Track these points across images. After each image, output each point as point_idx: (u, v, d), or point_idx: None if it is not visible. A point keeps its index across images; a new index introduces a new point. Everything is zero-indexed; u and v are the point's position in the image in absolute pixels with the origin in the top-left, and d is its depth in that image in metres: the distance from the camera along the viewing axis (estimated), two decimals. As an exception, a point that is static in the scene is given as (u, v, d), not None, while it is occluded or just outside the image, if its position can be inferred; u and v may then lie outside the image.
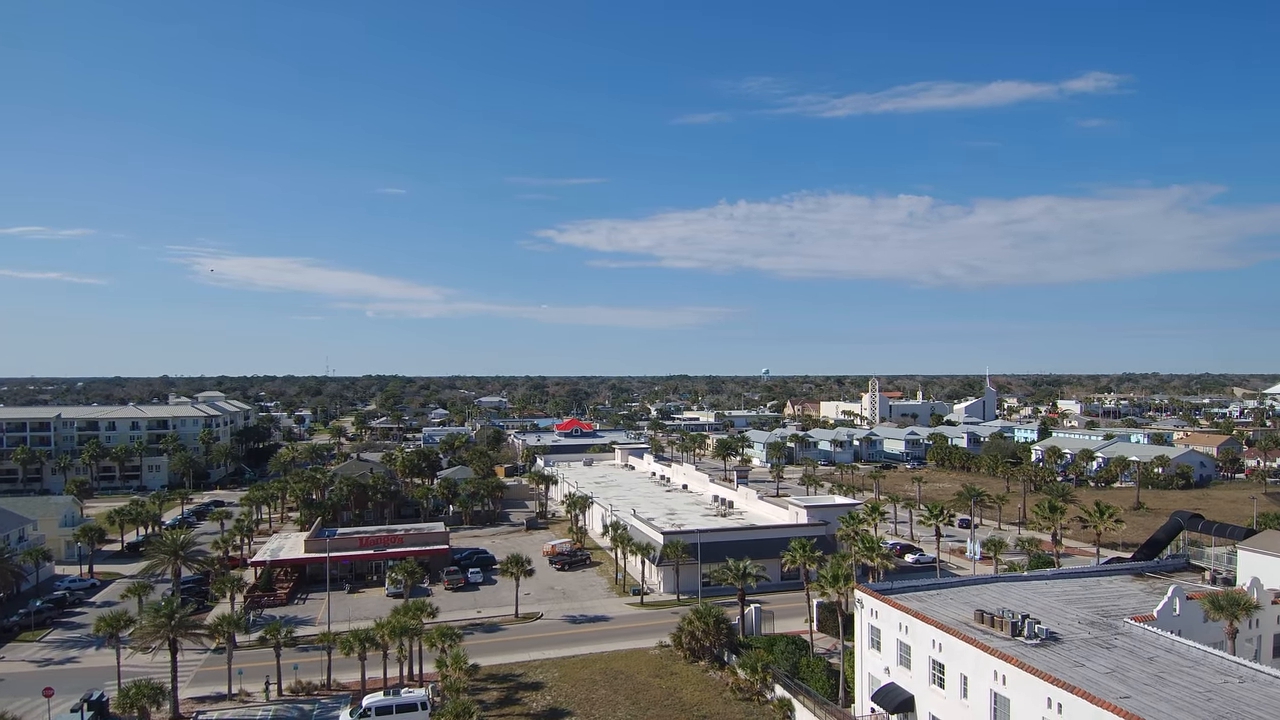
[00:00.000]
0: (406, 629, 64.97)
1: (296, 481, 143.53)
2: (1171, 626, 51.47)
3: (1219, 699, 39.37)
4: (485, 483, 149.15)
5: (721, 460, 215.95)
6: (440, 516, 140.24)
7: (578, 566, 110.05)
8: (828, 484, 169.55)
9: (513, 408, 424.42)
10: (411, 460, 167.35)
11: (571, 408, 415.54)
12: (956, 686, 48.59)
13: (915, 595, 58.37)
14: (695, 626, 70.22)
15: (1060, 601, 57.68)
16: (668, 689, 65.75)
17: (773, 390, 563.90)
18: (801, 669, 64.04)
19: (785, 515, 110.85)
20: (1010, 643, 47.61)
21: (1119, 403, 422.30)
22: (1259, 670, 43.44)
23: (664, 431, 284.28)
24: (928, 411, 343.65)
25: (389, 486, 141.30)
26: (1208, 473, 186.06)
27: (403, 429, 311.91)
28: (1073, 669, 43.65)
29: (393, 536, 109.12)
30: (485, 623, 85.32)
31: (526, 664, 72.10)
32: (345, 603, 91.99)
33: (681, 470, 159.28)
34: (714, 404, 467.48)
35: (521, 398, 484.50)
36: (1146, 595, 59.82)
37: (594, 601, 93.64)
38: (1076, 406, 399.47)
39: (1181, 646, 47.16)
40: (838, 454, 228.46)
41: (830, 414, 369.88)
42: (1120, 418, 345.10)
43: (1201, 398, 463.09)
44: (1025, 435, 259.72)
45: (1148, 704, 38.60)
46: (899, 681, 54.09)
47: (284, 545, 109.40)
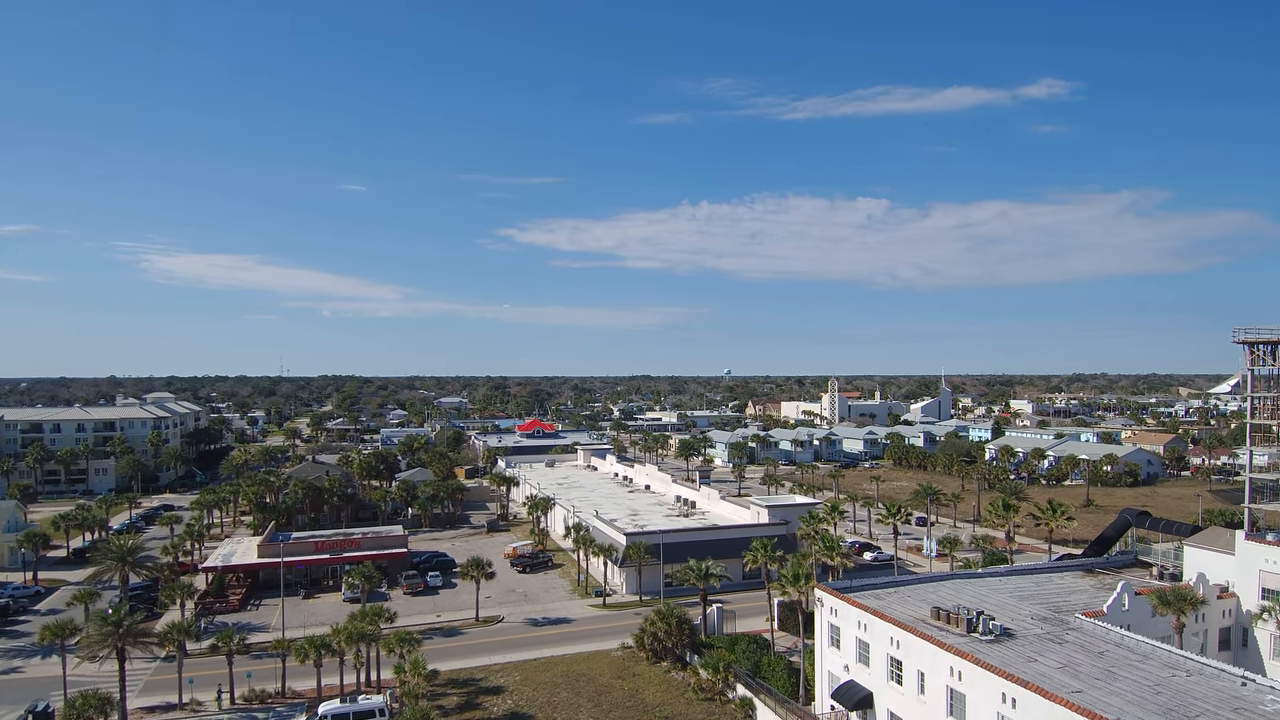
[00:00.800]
0: (364, 634, 63.82)
1: (249, 484, 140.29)
2: (1121, 621, 52.81)
3: (1167, 692, 40.46)
4: (445, 485, 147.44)
5: (684, 460, 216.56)
6: (399, 519, 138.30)
7: (539, 568, 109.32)
8: (789, 483, 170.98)
9: (473, 408, 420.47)
10: (369, 462, 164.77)
11: (533, 408, 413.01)
12: (914, 683, 49.26)
13: (874, 593, 59.07)
14: (657, 627, 70.20)
15: (1014, 598, 58.85)
16: (630, 690, 65.61)
17: (735, 391, 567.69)
18: (763, 668, 64.41)
19: (747, 515, 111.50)
20: (965, 639, 48.39)
21: (1069, 402, 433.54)
22: (1205, 664, 44.77)
23: (627, 432, 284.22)
24: (885, 411, 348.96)
25: (345, 489, 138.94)
26: (1155, 471, 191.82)
27: (360, 430, 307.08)
28: (1026, 664, 44.51)
29: (349, 540, 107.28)
30: (445, 627, 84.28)
31: (487, 668, 71.38)
32: (300, 608, 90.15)
33: (644, 471, 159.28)
34: (676, 404, 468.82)
35: (482, 398, 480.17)
36: (1097, 591, 61.32)
37: (556, 603, 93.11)
38: (1029, 406, 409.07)
39: (1131, 641, 48.38)
40: (798, 454, 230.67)
41: (791, 414, 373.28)
42: (1070, 417, 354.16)
43: (1148, 397, 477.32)
44: (979, 434, 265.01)
45: (1099, 698, 39.51)
46: (858, 679, 54.68)
47: (236, 550, 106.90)
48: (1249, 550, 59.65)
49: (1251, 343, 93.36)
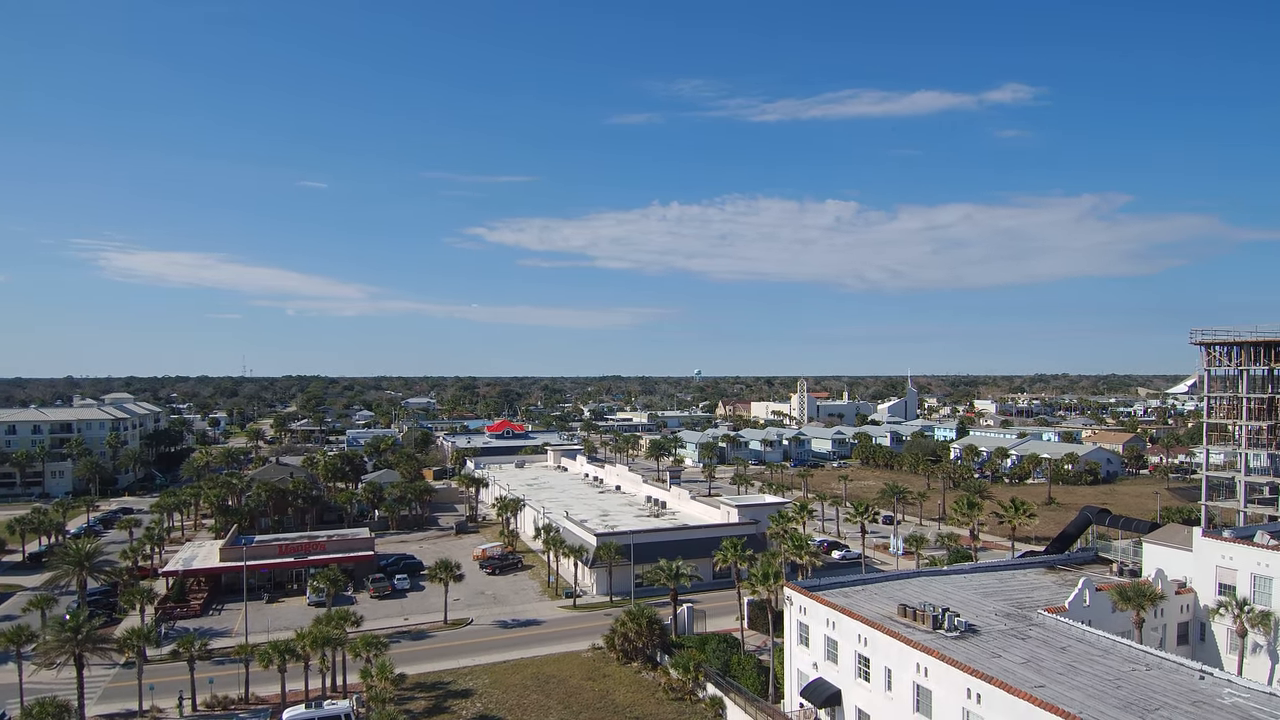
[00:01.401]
0: (329, 639, 62.89)
1: (211, 487, 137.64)
2: (1082, 617, 53.83)
3: (1127, 686, 41.32)
4: (412, 486, 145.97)
5: (654, 461, 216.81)
6: (365, 522, 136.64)
7: (509, 570, 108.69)
8: (758, 483, 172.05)
9: (441, 409, 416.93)
10: (334, 464, 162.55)
11: (503, 409, 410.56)
12: (881, 679, 49.77)
13: (842, 591, 59.58)
14: (628, 628, 70.17)
15: (978, 594, 59.74)
16: (600, 691, 65.48)
17: (705, 391, 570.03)
18: (733, 667, 64.68)
19: (717, 515, 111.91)
20: (931, 635, 49.00)
21: (1031, 402, 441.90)
22: (1164, 658, 45.79)
23: (597, 432, 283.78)
24: (853, 411, 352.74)
25: (310, 491, 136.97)
26: (1114, 469, 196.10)
27: (325, 432, 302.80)
28: (990, 660, 45.19)
29: (314, 543, 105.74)
30: (413, 630, 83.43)
31: (456, 671, 70.78)
32: (264, 613, 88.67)
33: (615, 471, 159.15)
34: (647, 405, 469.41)
35: (451, 399, 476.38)
36: (1058, 587, 62.48)
37: (526, 605, 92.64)
38: (992, 406, 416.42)
39: (1092, 636, 49.35)
40: (768, 453, 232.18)
41: (760, 414, 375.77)
42: (1033, 417, 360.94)
43: (1108, 397, 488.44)
44: (944, 434, 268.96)
45: (1061, 692, 40.24)
46: (827, 676, 55.10)
47: (198, 554, 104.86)
48: (1206, 547, 61.13)
49: (1208, 344, 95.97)
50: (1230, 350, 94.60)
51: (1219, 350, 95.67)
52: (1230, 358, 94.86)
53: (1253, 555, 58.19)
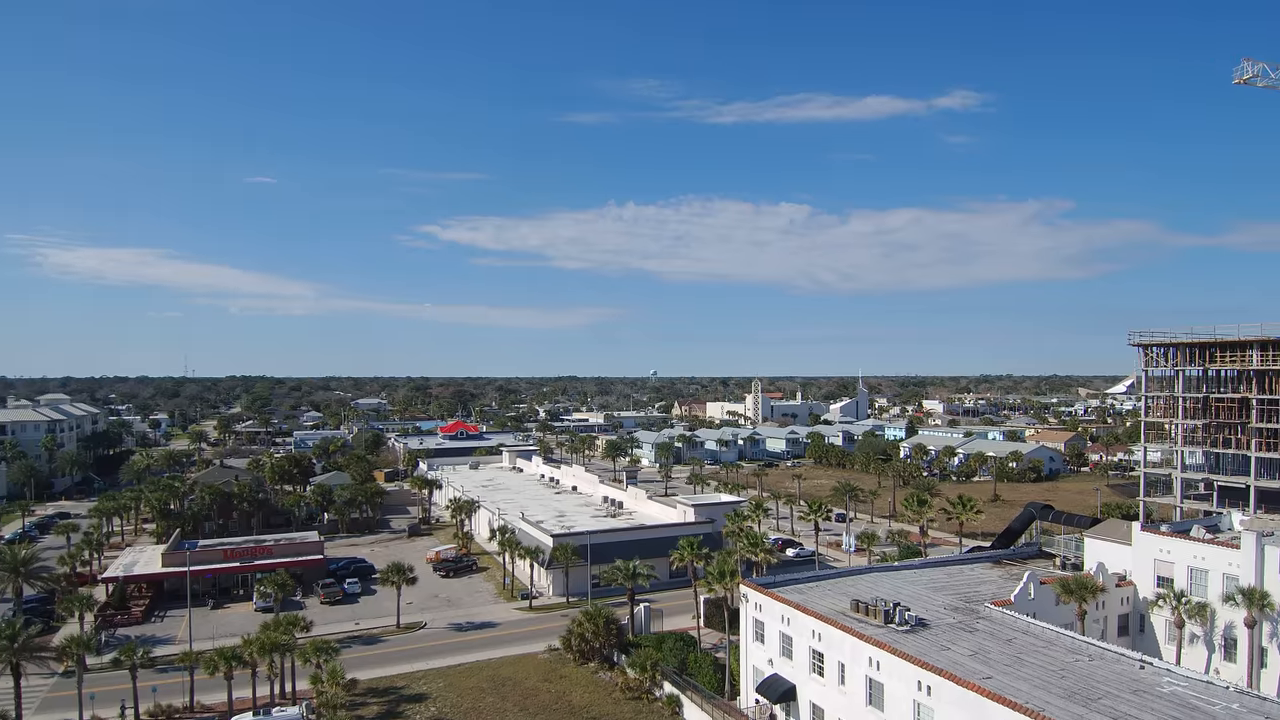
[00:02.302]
0: (278, 644, 61.47)
1: (152, 491, 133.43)
2: (1027, 610, 55.44)
3: (1071, 676, 42.67)
4: (363, 488, 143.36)
5: (611, 461, 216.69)
6: (314, 525, 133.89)
7: (463, 573, 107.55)
8: (714, 482, 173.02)
9: (393, 410, 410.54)
10: (281, 466, 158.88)
11: (456, 409, 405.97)
12: (835, 674, 50.56)
13: (796, 588, 60.36)
14: (585, 628, 70.03)
15: (928, 589, 61.09)
16: (557, 693, 65.23)
17: (661, 391, 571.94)
18: (689, 665, 65.03)
19: (674, 514, 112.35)
20: (883, 630, 49.96)
21: (977, 402, 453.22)
22: (1106, 648, 47.43)
23: (553, 433, 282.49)
24: (806, 411, 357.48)
25: (256, 494, 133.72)
26: (1056, 466, 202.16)
27: (271, 433, 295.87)
28: (940, 652, 46.24)
29: (261, 547, 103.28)
30: (364, 635, 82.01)
31: (409, 675, 69.79)
32: (209, 619, 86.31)
33: (571, 472, 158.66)
34: (603, 405, 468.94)
35: (402, 399, 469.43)
36: (1004, 581, 64.23)
37: (481, 608, 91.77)
38: (939, 406, 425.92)
39: (1037, 628, 50.85)
40: (723, 453, 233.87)
41: (716, 414, 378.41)
42: (978, 416, 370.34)
43: (1050, 397, 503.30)
44: (894, 433, 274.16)
45: (1008, 683, 41.37)
46: (782, 672, 55.76)
47: (139, 559, 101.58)
48: (1144, 541, 63.45)
49: (1145, 345, 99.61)
50: (1166, 351, 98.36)
51: (1156, 351, 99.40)
52: (1166, 359, 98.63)
53: (1189, 549, 60.58)
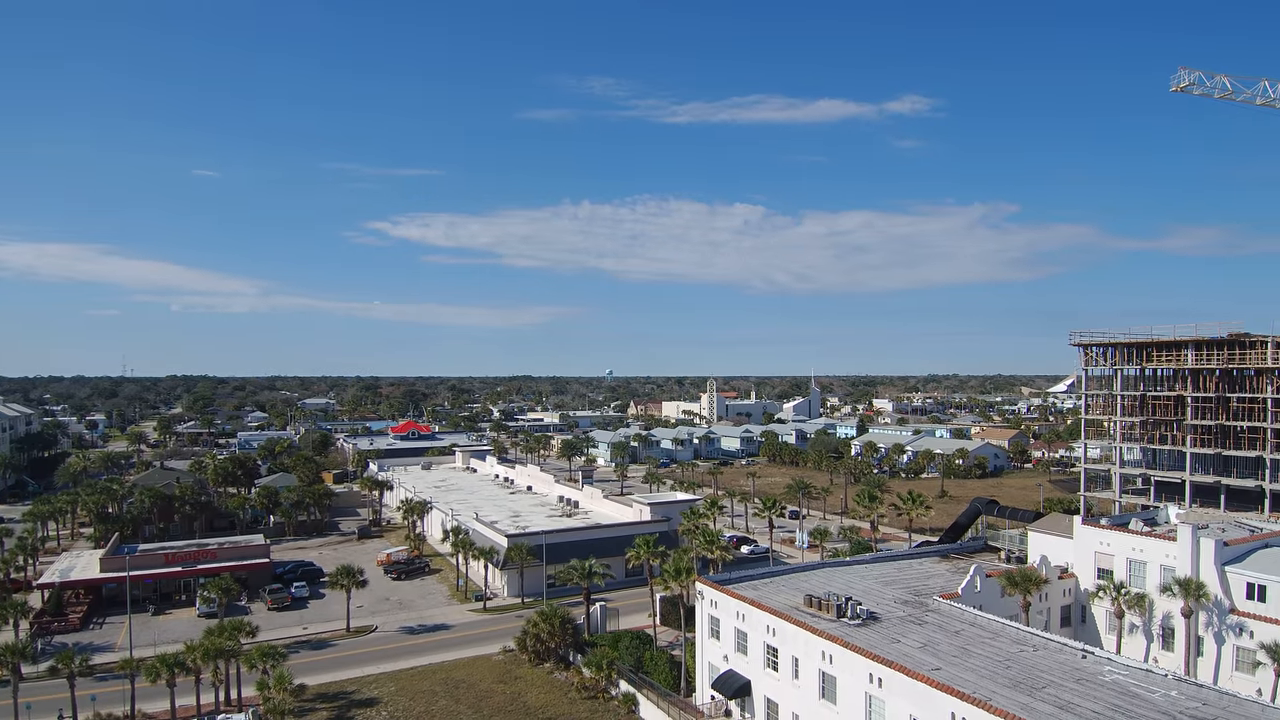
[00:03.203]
0: (222, 650, 59.68)
1: (89, 494, 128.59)
2: (974, 602, 56.75)
3: (1017, 666, 43.78)
4: (311, 490, 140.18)
5: (567, 461, 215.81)
6: (260, 528, 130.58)
7: (415, 575, 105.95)
8: (670, 481, 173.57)
9: (341, 410, 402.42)
10: (225, 467, 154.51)
11: (408, 409, 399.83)
12: (789, 668, 51.08)
13: (751, 584, 60.86)
14: (540, 628, 69.54)
15: (879, 583, 62.14)
16: (512, 694, 64.65)
17: (616, 391, 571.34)
18: (645, 663, 65.04)
19: (630, 513, 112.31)
20: (836, 624, 50.65)
21: (925, 401, 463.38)
22: (1049, 639, 48.77)
23: (507, 433, 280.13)
24: (760, 410, 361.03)
25: (199, 497, 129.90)
26: (1001, 463, 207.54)
27: (214, 434, 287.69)
28: (890, 645, 47.05)
29: (204, 551, 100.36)
30: (313, 639, 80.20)
31: (360, 680, 68.48)
32: (150, 626, 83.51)
33: (526, 472, 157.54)
34: (558, 405, 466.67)
35: (351, 399, 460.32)
36: (952, 574, 65.65)
37: (433, 610, 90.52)
38: (889, 405, 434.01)
39: (983, 620, 52.08)
40: (679, 452, 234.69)
41: (671, 414, 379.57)
42: (926, 415, 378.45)
43: (995, 396, 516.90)
44: (846, 431, 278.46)
45: (955, 674, 42.27)
46: (737, 668, 56.13)
47: (76, 564, 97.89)
48: (1085, 534, 65.44)
49: (1086, 345, 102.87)
50: (1105, 351, 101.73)
51: (1095, 351, 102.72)
52: (1105, 358, 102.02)
53: (1128, 541, 62.67)
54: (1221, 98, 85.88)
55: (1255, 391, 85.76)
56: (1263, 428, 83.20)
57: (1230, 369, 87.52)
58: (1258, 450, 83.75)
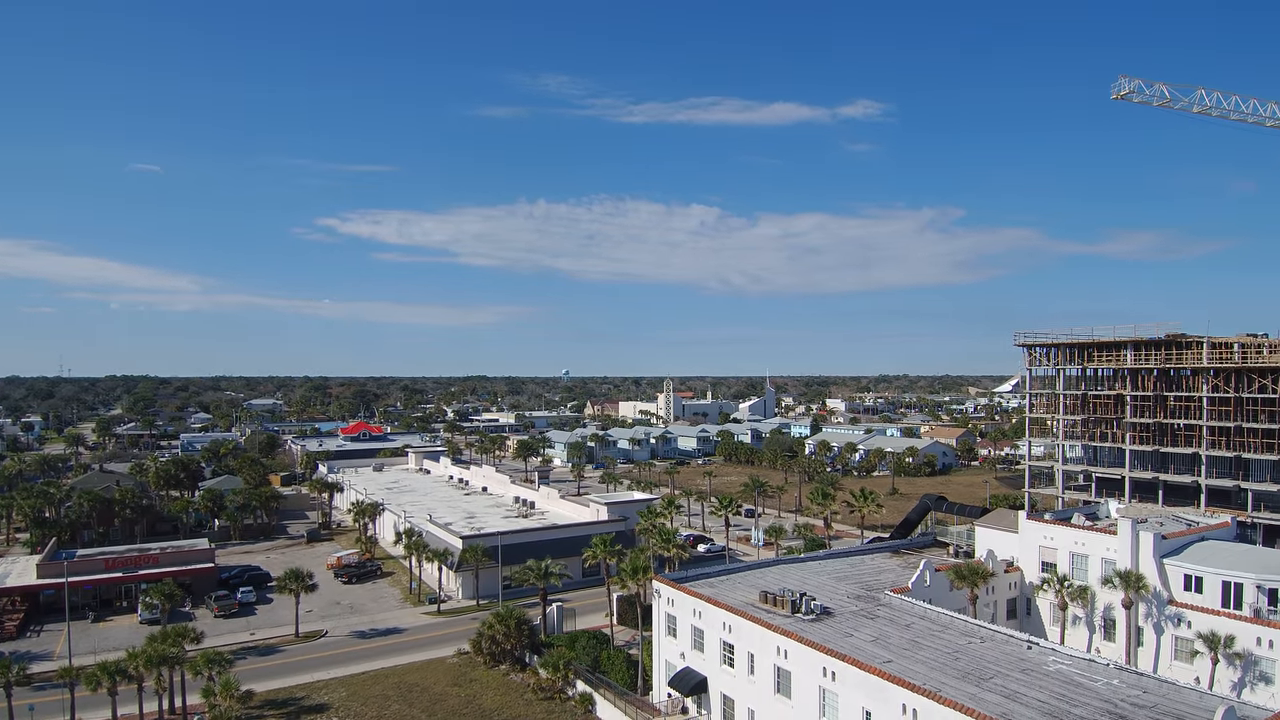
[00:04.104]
0: (166, 657, 57.93)
1: (25, 498, 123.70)
2: (924, 596, 57.94)
3: (965, 657, 44.78)
4: (257, 493, 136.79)
5: (523, 461, 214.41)
6: (204, 532, 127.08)
7: (367, 578, 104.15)
8: (627, 481, 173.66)
9: (289, 411, 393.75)
10: (167, 470, 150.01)
11: (358, 410, 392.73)
12: (745, 664, 51.48)
13: (707, 582, 61.21)
14: (496, 630, 68.92)
15: (832, 579, 63.04)
16: (467, 697, 63.95)
17: (573, 391, 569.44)
18: (602, 662, 64.94)
19: (587, 513, 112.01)
20: (790, 619, 51.23)
21: (876, 400, 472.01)
22: (996, 631, 49.99)
23: (462, 434, 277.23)
24: (717, 410, 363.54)
25: (140, 500, 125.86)
26: (949, 461, 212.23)
27: (156, 436, 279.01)
28: (843, 639, 47.77)
29: (146, 556, 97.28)
30: (260, 645, 78.28)
31: (310, 685, 67.03)
32: (90, 633, 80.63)
33: (481, 473, 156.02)
34: (514, 405, 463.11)
35: (299, 400, 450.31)
36: (902, 569, 66.93)
37: (386, 614, 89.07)
38: (842, 405, 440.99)
39: (933, 613, 53.19)
40: (636, 452, 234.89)
41: (628, 414, 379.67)
42: (878, 414, 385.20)
43: (943, 396, 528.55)
44: (800, 431, 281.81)
45: (907, 666, 43.08)
46: (693, 665, 56.38)
47: (11, 571, 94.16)
48: (1030, 529, 67.24)
49: (1029, 346, 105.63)
50: (1048, 352, 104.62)
51: (1039, 352, 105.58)
52: (1049, 359, 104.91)
53: (1070, 535, 64.57)
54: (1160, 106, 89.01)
55: (1191, 390, 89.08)
56: (1198, 425, 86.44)
57: (1167, 369, 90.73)
58: (1193, 447, 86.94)
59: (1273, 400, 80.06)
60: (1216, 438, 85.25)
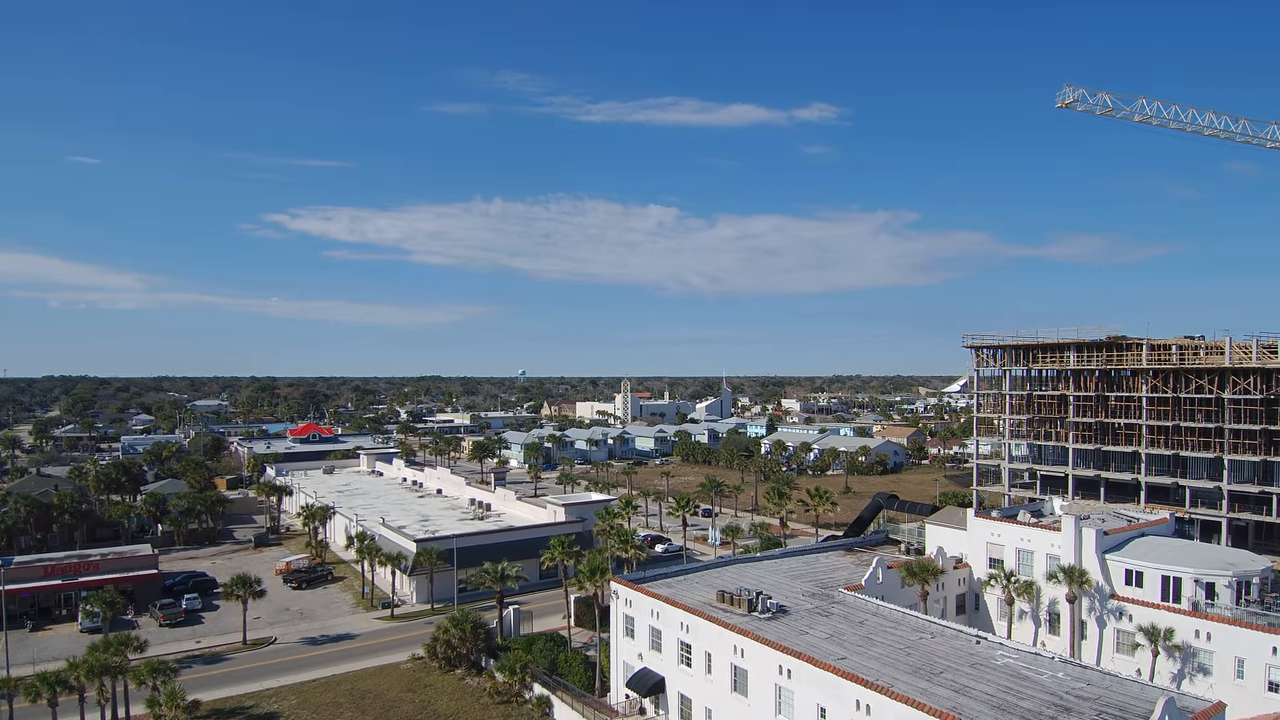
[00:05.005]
0: (108, 667, 56.02)
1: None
2: (877, 593, 58.93)
3: (917, 652, 45.66)
4: (202, 497, 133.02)
5: (479, 463, 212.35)
6: (147, 537, 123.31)
7: (318, 583, 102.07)
8: (584, 482, 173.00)
9: (235, 412, 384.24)
10: (108, 474, 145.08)
11: (308, 411, 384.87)
12: (702, 664, 51.75)
13: (665, 582, 61.37)
14: (451, 634, 68.10)
15: (788, 578, 63.73)
16: (422, 702, 63.10)
17: (530, 391, 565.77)
18: (560, 665, 64.66)
19: (544, 514, 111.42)
20: (747, 618, 51.65)
21: (830, 401, 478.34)
22: (946, 626, 51.06)
23: (416, 435, 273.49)
24: (674, 411, 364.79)
25: (79, 505, 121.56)
26: (900, 460, 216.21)
27: (96, 439, 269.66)
28: (799, 637, 48.34)
29: (86, 563, 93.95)
30: (206, 653, 76.21)
31: (258, 694, 65.46)
32: (28, 643, 77.65)
33: (436, 474, 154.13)
34: (469, 406, 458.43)
35: (246, 400, 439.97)
36: (856, 567, 67.99)
37: (337, 620, 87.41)
38: (797, 405, 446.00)
39: (885, 610, 54.11)
40: (593, 453, 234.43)
41: (586, 414, 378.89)
42: (832, 414, 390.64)
43: (894, 396, 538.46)
44: (756, 431, 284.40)
45: (860, 662, 43.77)
46: (651, 666, 56.47)
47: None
48: (978, 526, 68.88)
49: (977, 347, 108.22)
50: (995, 353, 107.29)
51: (986, 353, 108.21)
52: (995, 359, 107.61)
53: (1017, 532, 66.31)
54: (1103, 114, 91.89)
55: (1131, 391, 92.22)
56: (1138, 425, 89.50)
57: (1109, 370, 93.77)
58: (1134, 446, 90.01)
59: (1209, 400, 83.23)
60: (1156, 436, 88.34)
